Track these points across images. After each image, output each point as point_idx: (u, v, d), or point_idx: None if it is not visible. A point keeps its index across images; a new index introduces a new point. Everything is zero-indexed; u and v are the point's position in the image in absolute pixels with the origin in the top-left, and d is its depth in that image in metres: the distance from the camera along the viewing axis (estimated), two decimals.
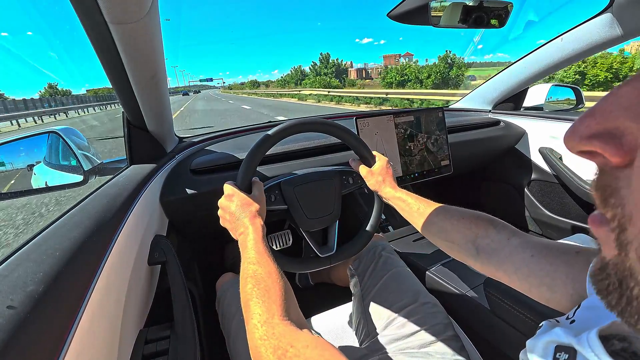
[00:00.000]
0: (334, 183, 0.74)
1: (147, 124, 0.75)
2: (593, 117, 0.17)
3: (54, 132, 0.82)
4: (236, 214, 0.55)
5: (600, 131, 0.17)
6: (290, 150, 0.97)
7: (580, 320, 0.27)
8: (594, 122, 0.17)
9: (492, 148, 1.38)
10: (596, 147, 0.17)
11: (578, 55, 1.09)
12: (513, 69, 1.33)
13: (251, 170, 0.64)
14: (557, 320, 0.29)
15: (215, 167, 0.90)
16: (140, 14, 0.43)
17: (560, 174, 1.21)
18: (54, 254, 0.37)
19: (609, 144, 0.17)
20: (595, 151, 0.17)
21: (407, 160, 1.05)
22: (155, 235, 0.71)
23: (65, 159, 0.85)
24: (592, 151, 0.18)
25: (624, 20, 0.90)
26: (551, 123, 1.29)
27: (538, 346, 0.26)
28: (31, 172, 0.81)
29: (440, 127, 1.11)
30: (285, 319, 0.38)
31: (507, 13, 0.76)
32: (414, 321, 0.65)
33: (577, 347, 0.22)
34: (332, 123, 0.72)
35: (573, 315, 0.28)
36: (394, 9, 0.77)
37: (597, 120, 0.17)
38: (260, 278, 0.43)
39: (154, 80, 0.61)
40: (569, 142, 0.19)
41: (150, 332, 0.55)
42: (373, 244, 0.84)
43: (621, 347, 0.20)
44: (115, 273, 0.47)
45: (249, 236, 0.51)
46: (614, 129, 0.16)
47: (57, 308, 0.33)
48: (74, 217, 0.48)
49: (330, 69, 52.87)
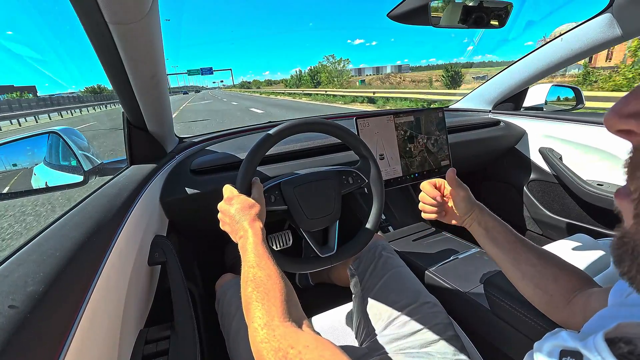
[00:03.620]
0: (333, 183, 0.74)
1: (147, 124, 0.75)
2: (635, 97, 0.18)
3: (54, 132, 0.82)
4: (236, 218, 0.55)
5: (638, 111, 0.18)
6: (291, 151, 0.97)
7: (587, 327, 0.27)
8: (634, 102, 0.18)
9: (492, 148, 1.38)
10: (632, 125, 0.18)
11: (578, 55, 1.09)
12: (513, 69, 1.33)
13: (251, 172, 0.63)
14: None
15: (216, 167, 0.90)
16: (140, 14, 0.43)
17: (560, 174, 1.21)
18: (54, 254, 0.38)
19: None
20: (631, 130, 0.18)
21: (407, 162, 1.05)
22: (156, 235, 0.71)
23: (65, 159, 0.85)
24: (629, 130, 0.18)
25: (624, 20, 0.90)
26: (551, 123, 1.29)
27: (543, 350, 0.26)
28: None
29: (440, 127, 1.11)
30: (285, 321, 0.38)
31: (507, 13, 0.76)
32: (414, 321, 0.65)
33: (583, 351, 0.22)
34: (332, 123, 0.72)
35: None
36: (394, 9, 0.77)
37: (638, 100, 0.18)
38: (260, 281, 0.43)
39: (154, 80, 0.61)
40: (608, 121, 0.19)
41: (151, 332, 0.55)
42: (373, 244, 0.84)
43: (628, 350, 0.20)
44: (116, 273, 0.48)
45: (248, 239, 0.51)
46: None
47: (57, 308, 0.33)
48: (74, 217, 0.49)
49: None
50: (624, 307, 0.27)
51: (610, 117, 0.19)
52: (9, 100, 27.81)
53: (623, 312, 0.26)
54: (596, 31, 0.98)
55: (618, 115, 0.19)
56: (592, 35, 0.99)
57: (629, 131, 0.19)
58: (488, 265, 0.86)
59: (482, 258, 0.91)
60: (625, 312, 0.26)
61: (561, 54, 1.12)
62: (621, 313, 0.27)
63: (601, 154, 1.12)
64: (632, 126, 0.18)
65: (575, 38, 1.05)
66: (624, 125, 0.19)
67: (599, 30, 0.97)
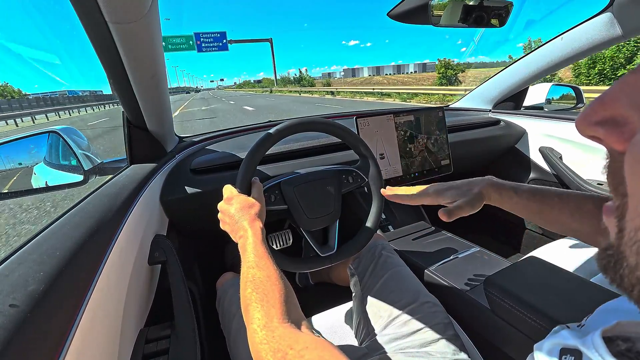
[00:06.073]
0: (334, 182, 0.74)
1: (147, 124, 0.75)
2: (601, 104, 0.18)
3: (54, 131, 0.82)
4: (235, 217, 0.55)
5: (606, 118, 0.17)
6: (291, 150, 0.97)
7: (589, 324, 0.27)
8: (601, 109, 0.18)
9: (492, 147, 1.38)
10: (600, 133, 0.18)
11: (578, 55, 1.09)
12: (513, 68, 1.33)
13: (250, 171, 0.64)
14: (567, 325, 0.29)
15: (216, 167, 0.90)
16: (140, 13, 0.43)
17: (560, 173, 1.21)
18: (54, 254, 0.38)
19: (611, 132, 0.17)
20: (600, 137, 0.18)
21: (407, 162, 1.05)
22: (156, 234, 0.71)
23: (65, 158, 0.85)
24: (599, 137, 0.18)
25: (624, 19, 0.90)
26: (551, 122, 1.29)
27: (543, 349, 0.26)
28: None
29: (440, 126, 1.11)
30: (284, 322, 0.38)
31: (507, 13, 0.76)
32: (414, 320, 0.65)
33: (582, 349, 0.22)
34: (332, 122, 0.72)
35: (584, 321, 0.28)
36: (394, 8, 0.77)
37: (604, 106, 0.18)
38: (259, 282, 0.43)
39: (154, 80, 0.61)
40: (579, 126, 0.19)
41: (151, 332, 0.55)
42: (373, 244, 0.84)
43: (625, 348, 0.20)
44: (116, 272, 0.48)
45: (248, 239, 0.51)
46: (619, 117, 0.17)
47: (58, 307, 0.33)
48: (74, 217, 0.49)
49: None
50: (627, 302, 0.27)
51: (580, 123, 0.19)
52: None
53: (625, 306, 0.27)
54: (596, 30, 0.97)
55: (587, 122, 0.19)
56: (592, 34, 0.99)
57: (598, 137, 0.19)
58: (488, 265, 0.86)
59: (482, 257, 0.91)
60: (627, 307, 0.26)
61: (561, 53, 1.12)
62: (624, 306, 0.27)
63: (601, 153, 1.11)
64: (599, 134, 0.18)
65: (576, 37, 1.05)
66: (592, 132, 0.18)
67: (599, 29, 0.97)
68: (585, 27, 1.00)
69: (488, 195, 0.52)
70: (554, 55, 1.15)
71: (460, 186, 0.56)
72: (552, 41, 1.13)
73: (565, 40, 1.08)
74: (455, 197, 0.55)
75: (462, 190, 0.55)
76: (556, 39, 1.11)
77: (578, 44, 1.05)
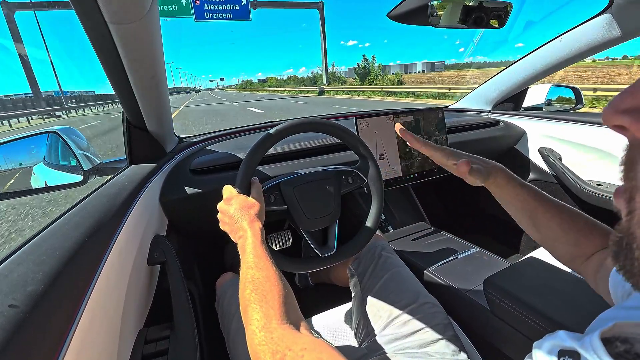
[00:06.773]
0: (333, 183, 0.74)
1: (147, 124, 0.75)
2: (630, 93, 0.18)
3: (54, 132, 0.82)
4: (235, 218, 0.55)
5: (634, 107, 0.18)
6: (290, 150, 0.97)
7: (588, 327, 0.27)
8: (629, 98, 0.18)
9: (491, 148, 1.38)
10: (625, 122, 0.18)
11: (578, 56, 1.09)
12: (513, 69, 1.33)
13: (250, 172, 0.64)
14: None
15: (215, 167, 0.90)
16: (140, 14, 0.43)
17: (560, 174, 1.21)
18: (53, 254, 0.38)
19: (637, 119, 0.18)
20: (625, 126, 0.19)
21: (407, 163, 1.05)
22: (155, 235, 0.71)
23: (64, 158, 0.85)
24: (623, 126, 0.19)
25: (624, 20, 0.90)
26: (551, 123, 1.30)
27: (542, 350, 0.26)
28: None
29: (440, 127, 1.11)
30: (283, 323, 0.38)
31: (507, 13, 0.76)
32: (413, 321, 0.65)
33: (581, 350, 0.22)
34: (332, 123, 0.72)
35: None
36: (394, 9, 0.77)
37: (633, 95, 0.18)
38: (258, 283, 0.43)
39: (154, 80, 0.61)
40: (605, 115, 0.20)
41: (150, 332, 0.55)
42: (373, 244, 0.84)
43: (624, 349, 0.20)
44: (115, 273, 0.48)
45: (247, 240, 0.51)
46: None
47: (57, 308, 0.33)
48: (73, 217, 0.49)
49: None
50: (622, 309, 0.27)
51: (607, 112, 0.20)
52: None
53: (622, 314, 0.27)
54: (596, 31, 0.98)
55: (614, 110, 0.19)
56: (592, 35, 0.99)
57: (623, 127, 0.19)
58: (487, 265, 0.86)
59: (482, 258, 0.91)
60: (624, 314, 0.26)
61: (561, 54, 1.12)
62: (620, 314, 0.27)
63: (600, 153, 1.12)
64: (625, 122, 0.18)
65: (575, 38, 1.05)
66: (618, 120, 0.19)
67: (598, 30, 0.97)
68: (584, 28, 1.00)
69: (495, 177, 0.52)
70: (553, 56, 1.15)
71: (474, 157, 0.56)
72: (551, 42, 1.13)
73: (565, 41, 1.09)
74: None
75: (476, 159, 0.56)
76: (555, 39, 1.11)
77: (577, 45, 1.05)
